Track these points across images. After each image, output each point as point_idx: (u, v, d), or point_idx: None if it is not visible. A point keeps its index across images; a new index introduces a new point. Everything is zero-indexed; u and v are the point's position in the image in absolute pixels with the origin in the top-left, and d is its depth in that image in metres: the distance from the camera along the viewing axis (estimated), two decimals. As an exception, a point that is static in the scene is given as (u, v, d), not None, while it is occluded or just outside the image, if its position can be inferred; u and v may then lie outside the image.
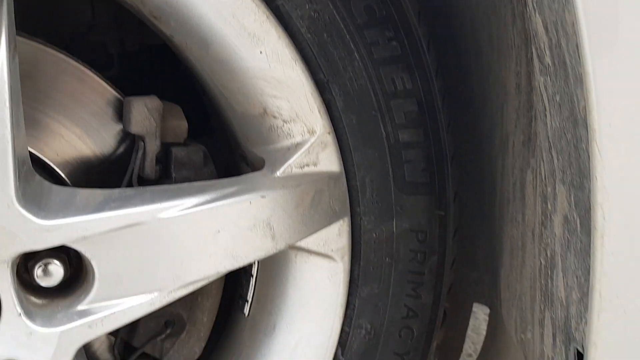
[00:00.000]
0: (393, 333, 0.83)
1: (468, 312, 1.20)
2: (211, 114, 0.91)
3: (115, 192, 0.66)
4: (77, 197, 0.63)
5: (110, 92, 0.75)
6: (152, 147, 0.73)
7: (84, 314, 0.64)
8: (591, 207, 0.49)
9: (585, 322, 0.55)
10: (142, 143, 0.73)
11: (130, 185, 0.73)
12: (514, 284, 0.88)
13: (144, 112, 0.72)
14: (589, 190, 0.49)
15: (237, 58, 0.72)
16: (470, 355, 1.75)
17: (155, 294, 0.66)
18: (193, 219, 0.66)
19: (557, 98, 0.53)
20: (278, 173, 0.74)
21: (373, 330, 0.82)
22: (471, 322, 1.30)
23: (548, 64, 0.55)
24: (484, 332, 1.13)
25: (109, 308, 0.65)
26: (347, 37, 0.73)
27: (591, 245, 0.51)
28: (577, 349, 0.60)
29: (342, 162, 0.77)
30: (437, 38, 0.83)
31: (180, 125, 0.77)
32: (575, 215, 0.54)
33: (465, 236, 1.01)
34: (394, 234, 0.81)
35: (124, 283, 0.65)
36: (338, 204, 0.77)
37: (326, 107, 0.74)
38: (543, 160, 0.63)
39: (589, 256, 0.52)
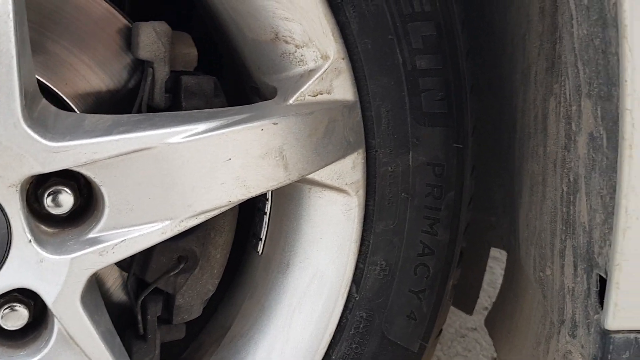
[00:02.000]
0: (408, 270, 0.83)
1: (485, 256, 1.20)
2: (220, 46, 0.90)
3: (124, 117, 0.65)
4: (85, 121, 0.63)
5: (119, 19, 0.74)
6: (162, 73, 0.72)
7: (94, 241, 0.65)
8: (619, 116, 0.48)
9: (610, 245, 0.55)
10: (151, 69, 0.72)
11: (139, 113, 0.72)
12: (533, 222, 0.88)
13: (153, 36, 0.71)
14: (617, 99, 0.48)
15: (247, -23, 0.70)
16: (486, 309, 1.77)
17: (167, 222, 0.66)
18: (203, 144, 0.65)
19: (586, 1, 0.52)
20: (291, 101, 0.73)
21: (388, 267, 0.83)
22: (487, 276, 1.29)
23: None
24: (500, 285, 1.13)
25: (120, 236, 0.65)
26: (362, -46, 0.71)
27: (618, 158, 0.50)
28: (599, 275, 0.60)
29: (356, 90, 0.76)
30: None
31: (190, 52, 0.76)
32: (601, 130, 0.53)
33: (482, 178, 1.01)
34: (410, 168, 0.80)
35: (134, 211, 0.65)
36: (352, 135, 0.77)
37: (340, 30, 0.73)
38: (568, 78, 0.62)
39: (615, 172, 0.51)
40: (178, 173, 0.65)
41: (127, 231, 0.66)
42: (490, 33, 0.97)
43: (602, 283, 0.60)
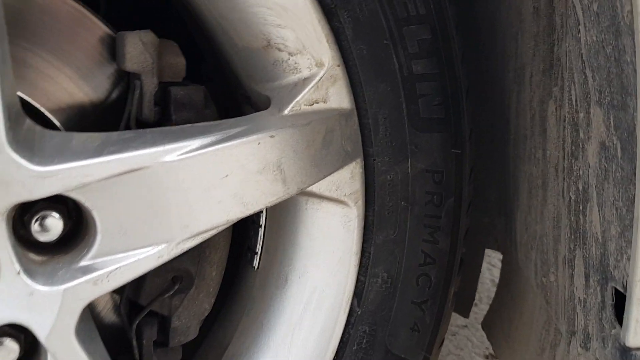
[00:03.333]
0: (410, 281, 0.82)
1: (480, 258, 1.20)
2: (208, 56, 0.88)
3: (114, 135, 0.63)
4: (72, 141, 0.61)
5: (101, 27, 0.71)
6: (150, 85, 0.70)
7: (87, 269, 0.62)
8: (636, 128, 0.47)
9: (627, 258, 0.54)
10: (139, 82, 0.70)
11: (128, 128, 0.70)
12: (533, 226, 0.87)
13: (139, 47, 0.68)
14: (634, 109, 0.47)
15: (236, -16, 0.68)
16: (475, 305, 1.77)
17: (163, 245, 0.64)
18: (199, 161, 0.63)
19: (595, 7, 0.51)
20: (286, 111, 0.71)
21: (390, 279, 0.81)
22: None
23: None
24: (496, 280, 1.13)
25: (114, 262, 0.63)
26: (356, -43, 0.70)
27: (637, 170, 0.49)
28: (615, 288, 0.59)
29: (353, 97, 0.74)
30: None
31: (178, 62, 0.74)
32: (615, 140, 0.52)
33: (476, 177, 1.00)
34: (409, 176, 0.79)
35: (128, 235, 0.63)
36: (350, 144, 0.75)
37: (335, 36, 0.72)
38: (574, 83, 0.61)
39: (633, 184, 0.50)
40: (174, 193, 0.63)
41: (122, 257, 0.63)
42: (480, 31, 0.96)
43: (618, 296, 0.59)
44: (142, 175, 0.61)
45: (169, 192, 0.63)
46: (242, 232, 0.86)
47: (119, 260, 0.63)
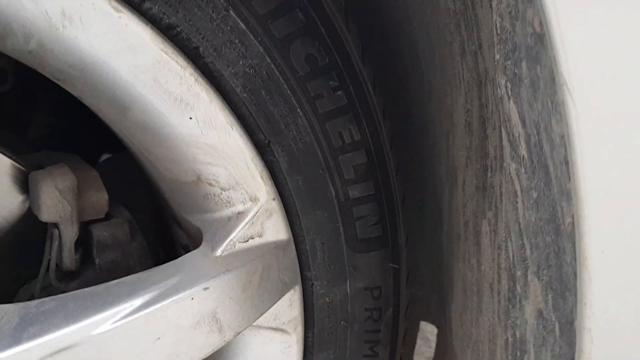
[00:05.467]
0: (351, 395, 0.82)
1: (415, 331, 1.21)
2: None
3: (32, 306, 0.58)
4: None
5: (8, 164, 0.66)
6: (69, 234, 0.65)
7: None
8: (574, 321, 0.48)
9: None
10: (57, 231, 0.65)
11: (45, 283, 0.65)
12: (469, 327, 0.88)
13: (56, 197, 0.64)
14: (572, 304, 0.48)
15: (163, 124, 0.65)
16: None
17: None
18: (130, 329, 0.60)
19: (534, 195, 0.51)
20: (219, 251, 0.68)
21: (331, 397, 0.81)
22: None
23: (523, 156, 0.52)
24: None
25: None
26: (289, 92, 0.68)
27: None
28: None
29: (290, 228, 0.73)
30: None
31: (99, 198, 0.69)
32: (553, 318, 0.53)
33: (409, 253, 1.00)
34: (348, 296, 0.78)
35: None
36: (288, 274, 0.74)
37: (269, 170, 0.70)
38: (511, 239, 0.61)
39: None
40: (102, 364, 0.59)
41: None
42: (411, 126, 0.95)
43: None
44: (69, 355, 0.57)
45: (98, 364, 0.59)
46: None
47: None
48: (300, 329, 0.77)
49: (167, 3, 0.60)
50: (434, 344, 1.17)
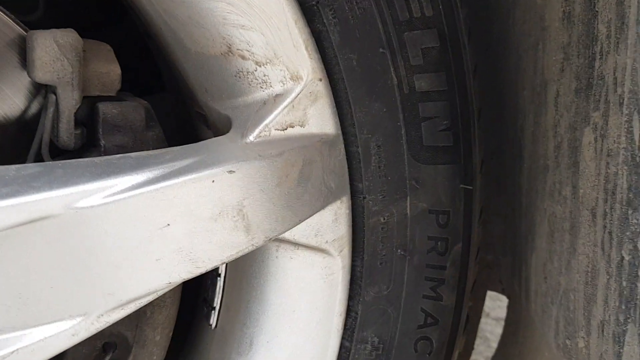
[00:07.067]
0: (407, 347, 0.68)
1: (481, 303, 1.08)
2: (160, 62, 0.72)
3: (11, 170, 0.46)
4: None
5: (12, 28, 0.55)
6: (69, 101, 0.54)
7: (-31, 353, 0.46)
8: None
9: None
10: (54, 96, 0.53)
11: (39, 159, 0.54)
12: (556, 277, 0.74)
13: (53, 51, 0.52)
14: None
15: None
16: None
17: (78, 319, 0.48)
18: (129, 207, 0.47)
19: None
20: (251, 137, 0.56)
21: (381, 345, 0.68)
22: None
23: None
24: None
25: (10, 343, 0.46)
26: (344, -58, 0.55)
27: None
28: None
29: (338, 120, 0.60)
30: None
31: (110, 71, 0.58)
32: None
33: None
34: (408, 217, 0.65)
35: (29, 306, 0.46)
36: (334, 178, 0.60)
37: (316, 42, 0.57)
38: (632, 126, 0.46)
39: None
40: (93, 250, 0.47)
41: (20, 336, 0.47)
42: (492, 39, 0.83)
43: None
44: (48, 227, 0.45)
45: (87, 249, 0.47)
46: (198, 278, 0.71)
47: (16, 340, 0.47)
48: (346, 252, 0.63)
49: None
50: (502, 323, 1.03)
